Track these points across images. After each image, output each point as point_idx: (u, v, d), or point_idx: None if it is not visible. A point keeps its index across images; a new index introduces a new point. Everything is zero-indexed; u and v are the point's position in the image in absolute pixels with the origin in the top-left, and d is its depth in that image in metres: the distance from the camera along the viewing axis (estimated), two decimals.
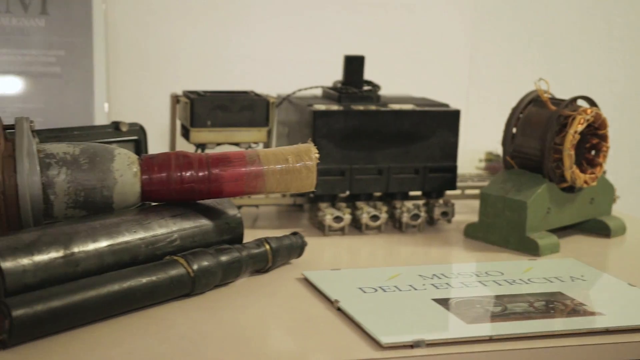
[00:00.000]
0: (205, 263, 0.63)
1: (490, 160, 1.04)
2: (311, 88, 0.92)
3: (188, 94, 0.85)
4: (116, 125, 0.80)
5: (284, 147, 0.68)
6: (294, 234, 0.72)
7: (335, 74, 0.95)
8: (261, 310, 0.62)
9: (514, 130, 0.83)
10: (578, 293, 0.66)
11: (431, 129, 0.85)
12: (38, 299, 0.53)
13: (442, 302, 0.62)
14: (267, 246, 0.69)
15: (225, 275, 0.64)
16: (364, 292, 0.64)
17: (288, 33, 1.10)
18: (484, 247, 0.80)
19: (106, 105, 0.96)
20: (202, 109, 0.83)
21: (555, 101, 0.82)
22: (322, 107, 0.83)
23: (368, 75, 0.90)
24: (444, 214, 0.86)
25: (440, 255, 0.79)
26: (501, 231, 0.80)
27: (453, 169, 0.87)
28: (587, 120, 0.79)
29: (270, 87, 0.95)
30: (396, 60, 1.14)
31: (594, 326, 0.59)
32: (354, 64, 0.89)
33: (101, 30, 0.96)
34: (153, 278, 0.59)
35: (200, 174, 0.65)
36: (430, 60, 1.17)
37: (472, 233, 0.83)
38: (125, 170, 0.64)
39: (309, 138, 0.71)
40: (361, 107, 0.84)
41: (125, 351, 0.54)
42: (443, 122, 0.86)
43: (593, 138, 0.81)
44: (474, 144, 1.13)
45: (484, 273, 0.70)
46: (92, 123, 0.94)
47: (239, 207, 0.83)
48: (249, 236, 0.70)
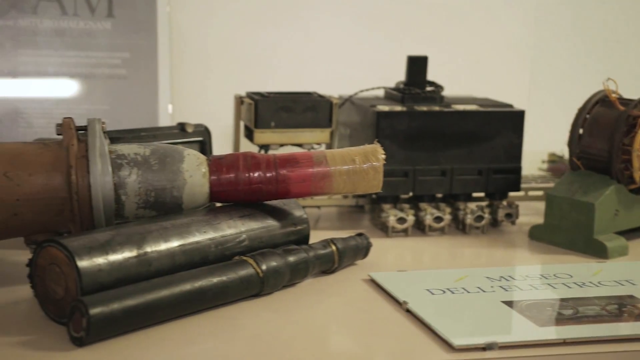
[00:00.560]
0: (273, 263, 0.63)
1: (553, 161, 1.03)
2: (373, 89, 0.92)
3: (252, 95, 0.86)
4: (182, 126, 0.81)
5: (351, 148, 0.68)
6: (360, 235, 0.72)
7: (396, 75, 0.94)
8: (329, 310, 0.62)
9: (581, 131, 0.82)
10: None
11: (495, 130, 0.85)
12: (113, 298, 0.53)
13: (512, 305, 0.62)
14: (334, 247, 0.69)
15: (293, 275, 0.65)
16: (432, 294, 0.63)
17: (349, 34, 1.09)
18: (550, 250, 0.79)
19: (170, 106, 0.97)
20: (266, 110, 0.84)
21: (623, 101, 0.81)
22: (386, 108, 0.83)
23: (429, 75, 0.89)
24: (508, 216, 0.86)
25: (505, 257, 0.78)
26: (567, 233, 0.79)
27: (517, 170, 0.86)
28: None
29: (331, 88, 0.95)
30: (456, 60, 1.14)
31: None
32: (417, 65, 0.88)
33: (165, 32, 0.97)
34: (223, 278, 0.60)
35: (267, 175, 0.65)
36: (491, 60, 1.16)
37: (537, 235, 0.82)
38: (194, 171, 0.65)
39: (375, 139, 0.71)
40: (425, 108, 0.84)
41: (198, 350, 0.54)
42: (507, 123, 0.85)
43: None
44: (536, 145, 1.11)
45: (552, 275, 0.69)
46: (156, 124, 0.96)
47: None
48: (312, 237, 0.70)
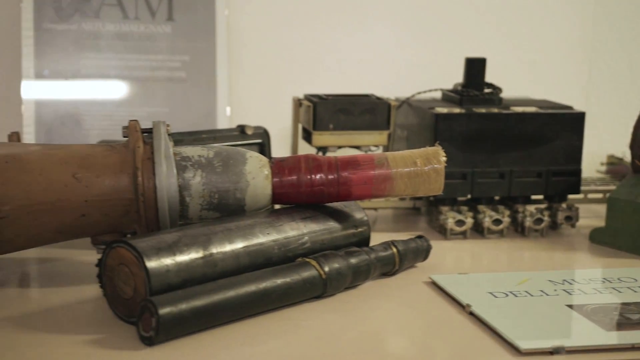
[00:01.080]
0: (336, 265, 0.63)
1: (612, 163, 1.02)
2: (430, 91, 0.92)
3: (310, 98, 0.86)
4: (242, 128, 0.82)
5: (412, 151, 0.68)
6: (420, 237, 0.72)
7: (451, 77, 0.94)
8: (392, 313, 0.62)
9: None
10: None
11: (555, 132, 0.84)
12: (182, 298, 0.54)
13: (577, 309, 0.61)
14: (394, 249, 0.69)
15: (354, 277, 0.65)
16: (495, 297, 0.63)
17: (405, 35, 1.09)
18: (612, 253, 0.78)
19: (228, 108, 0.98)
20: (325, 112, 0.84)
21: None
22: (444, 110, 0.83)
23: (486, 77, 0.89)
24: (568, 219, 0.85)
25: (565, 260, 0.77)
26: (630, 236, 0.78)
27: (577, 173, 0.85)
28: None
29: (386, 90, 0.96)
30: (513, 61, 1.13)
31: None
32: (475, 67, 0.88)
33: (224, 35, 0.98)
34: (287, 279, 0.60)
35: (329, 177, 0.66)
36: (549, 61, 1.14)
37: (598, 238, 0.81)
38: (257, 173, 0.65)
39: (437, 141, 0.71)
40: (483, 110, 0.84)
41: (264, 350, 0.55)
42: (567, 125, 0.84)
43: None
44: (594, 147, 1.10)
45: (617, 279, 0.68)
46: (215, 126, 0.97)
47: None
48: (370, 239, 0.70)
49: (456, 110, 0.83)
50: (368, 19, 1.08)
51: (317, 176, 0.66)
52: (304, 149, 0.88)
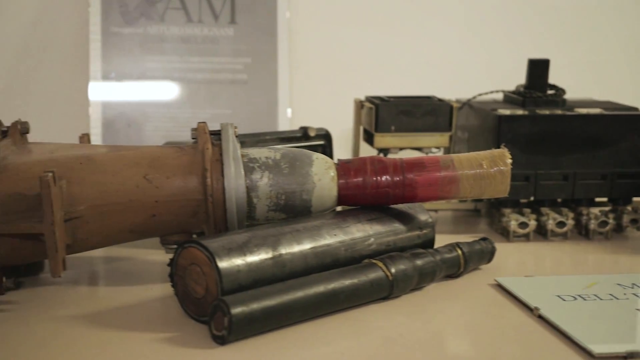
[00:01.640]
0: (402, 267, 0.64)
1: None
2: (492, 92, 0.92)
3: (372, 100, 0.86)
4: (304, 130, 0.82)
5: (478, 152, 0.68)
6: (484, 240, 0.72)
7: (512, 78, 0.94)
8: (458, 315, 0.62)
9: None
10: None
11: (620, 134, 0.83)
12: (253, 298, 0.55)
13: None
14: (459, 251, 0.69)
15: (420, 279, 0.65)
16: (563, 300, 0.63)
17: (466, 37, 1.09)
18: None
19: (289, 110, 0.99)
20: (387, 114, 0.85)
21: None
22: (507, 112, 0.83)
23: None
24: (633, 222, 0.84)
25: (631, 263, 0.76)
26: None
27: None
28: None
29: (446, 92, 0.95)
30: (576, 62, 1.12)
31: None
32: (539, 68, 0.87)
33: (285, 37, 0.99)
34: (355, 280, 0.61)
35: (395, 179, 0.66)
36: (612, 62, 1.13)
37: None
38: (323, 174, 0.66)
39: (502, 143, 0.70)
40: (547, 112, 0.83)
41: (334, 351, 0.55)
42: (633, 127, 0.83)
43: None
44: None
45: None
46: (276, 128, 0.98)
47: None
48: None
49: (519, 111, 0.83)
50: (428, 20, 1.08)
51: (383, 178, 0.66)
52: (365, 151, 0.88)
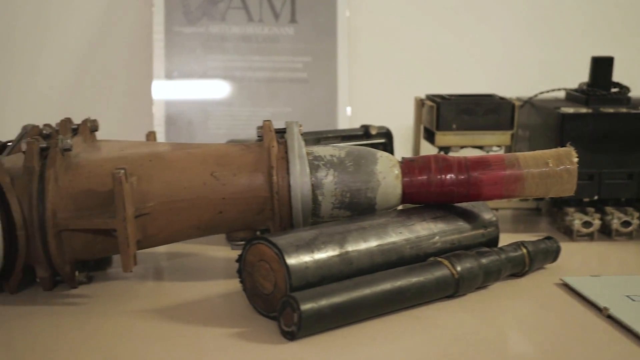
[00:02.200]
0: (468, 265, 0.63)
1: None
2: (553, 90, 0.91)
3: (433, 98, 0.86)
4: (366, 128, 0.83)
5: (543, 151, 0.67)
6: (549, 239, 0.72)
7: (573, 76, 0.93)
8: (525, 314, 0.62)
9: None
10: None
11: None
12: (321, 295, 0.56)
13: None
14: (524, 250, 0.69)
15: (485, 277, 0.65)
16: (633, 300, 0.62)
17: (526, 34, 1.08)
18: None
19: (349, 108, 1.00)
20: (448, 112, 0.84)
21: None
22: (570, 110, 0.82)
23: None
24: None
25: None
26: None
27: None
28: None
29: (505, 90, 0.95)
30: (634, 59, 1.10)
31: None
32: (602, 66, 0.86)
33: (345, 36, 0.99)
34: (421, 278, 0.61)
35: (460, 177, 0.66)
36: None
37: None
38: (387, 172, 0.66)
39: (567, 142, 0.70)
40: (611, 110, 0.82)
41: (401, 348, 0.56)
42: None
43: None
44: None
45: None
46: (335, 126, 0.98)
47: None
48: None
49: (583, 110, 0.82)
50: (487, 18, 1.08)
51: (448, 176, 0.66)
52: (425, 149, 0.88)
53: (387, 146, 0.83)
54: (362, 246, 0.61)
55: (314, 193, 0.65)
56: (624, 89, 0.86)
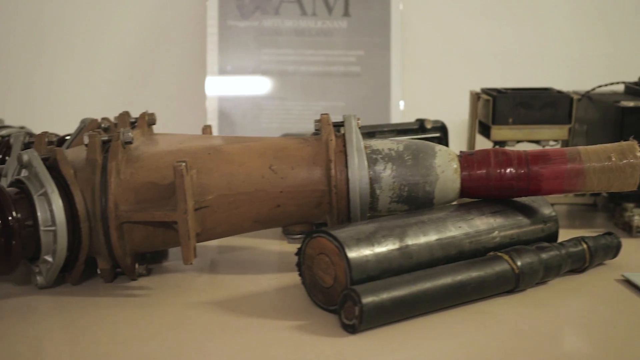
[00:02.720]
0: (528, 260, 0.63)
1: None
2: (612, 84, 0.89)
3: (489, 91, 0.86)
4: (421, 122, 0.82)
5: (605, 145, 0.66)
6: (609, 234, 0.71)
7: (631, 70, 0.91)
8: (586, 310, 0.61)
9: None
10: None
11: None
12: (382, 288, 0.55)
13: None
14: (585, 245, 0.68)
15: (546, 273, 0.64)
16: None
17: (583, 27, 1.07)
18: None
19: (402, 102, 0.99)
20: (504, 106, 0.84)
21: None
22: (631, 104, 0.80)
23: None
24: None
25: None
26: None
27: None
28: None
29: (561, 84, 0.94)
30: None
31: None
32: None
33: (398, 30, 0.99)
34: (481, 273, 0.60)
35: (520, 171, 0.65)
36: None
37: None
38: (446, 166, 0.66)
39: (631, 136, 0.69)
40: None
41: (462, 342, 0.55)
42: None
43: None
44: None
45: None
46: (389, 120, 0.98)
47: None
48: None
49: None
50: (544, 10, 1.06)
51: (507, 170, 0.65)
52: (481, 143, 0.88)
53: (442, 140, 0.83)
54: (422, 240, 0.61)
55: (372, 187, 0.64)
56: None
